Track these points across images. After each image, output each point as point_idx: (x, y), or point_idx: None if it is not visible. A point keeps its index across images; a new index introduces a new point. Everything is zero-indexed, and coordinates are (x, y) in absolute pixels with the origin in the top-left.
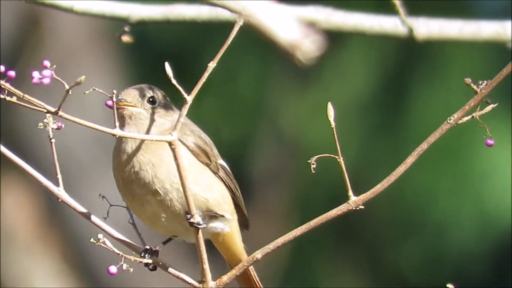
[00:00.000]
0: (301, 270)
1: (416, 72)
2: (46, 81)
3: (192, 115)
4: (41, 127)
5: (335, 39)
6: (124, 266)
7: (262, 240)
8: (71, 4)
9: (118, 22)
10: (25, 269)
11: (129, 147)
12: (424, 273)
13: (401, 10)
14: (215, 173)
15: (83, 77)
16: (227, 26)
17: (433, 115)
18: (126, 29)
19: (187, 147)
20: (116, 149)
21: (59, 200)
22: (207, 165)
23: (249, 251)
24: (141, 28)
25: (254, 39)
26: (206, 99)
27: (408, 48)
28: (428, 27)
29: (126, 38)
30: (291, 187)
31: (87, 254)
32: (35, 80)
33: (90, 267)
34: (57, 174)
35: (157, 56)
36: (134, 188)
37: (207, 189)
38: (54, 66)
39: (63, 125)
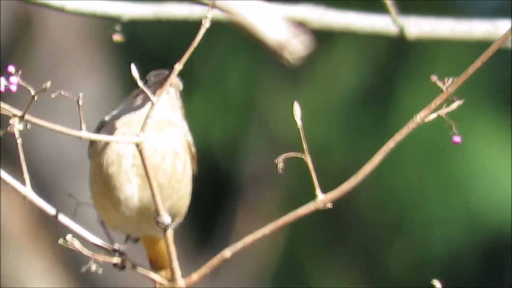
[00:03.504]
0: (292, 271)
1: (406, 72)
2: (13, 88)
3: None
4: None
5: (326, 38)
6: (94, 267)
7: None
8: (62, 3)
9: (109, 21)
10: (17, 269)
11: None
12: (413, 273)
13: (392, 9)
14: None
15: (48, 83)
16: (218, 25)
17: None
18: (117, 28)
19: (192, 154)
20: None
21: (26, 200)
22: (193, 174)
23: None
24: (132, 27)
25: (244, 39)
26: (196, 100)
27: (399, 48)
28: (420, 27)
29: (117, 37)
30: (282, 187)
31: (79, 253)
32: (1, 88)
33: (82, 266)
34: (24, 174)
35: (148, 56)
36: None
37: (186, 198)
38: (20, 72)
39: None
